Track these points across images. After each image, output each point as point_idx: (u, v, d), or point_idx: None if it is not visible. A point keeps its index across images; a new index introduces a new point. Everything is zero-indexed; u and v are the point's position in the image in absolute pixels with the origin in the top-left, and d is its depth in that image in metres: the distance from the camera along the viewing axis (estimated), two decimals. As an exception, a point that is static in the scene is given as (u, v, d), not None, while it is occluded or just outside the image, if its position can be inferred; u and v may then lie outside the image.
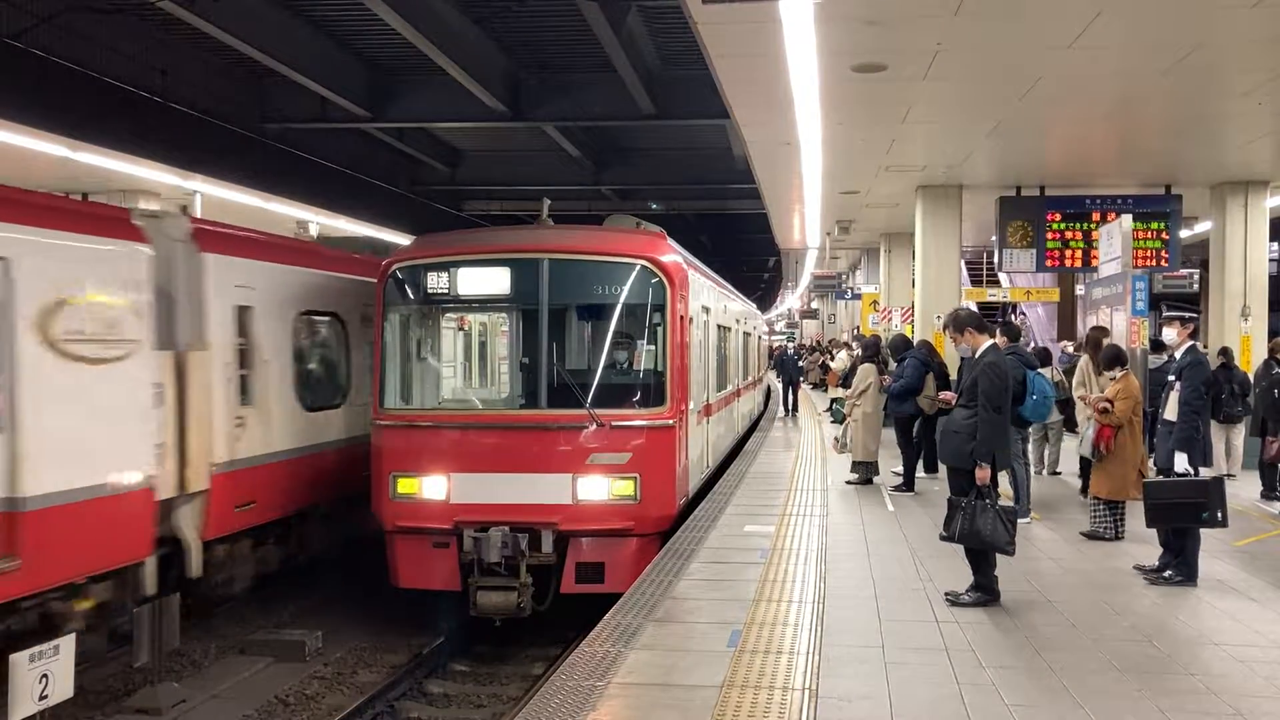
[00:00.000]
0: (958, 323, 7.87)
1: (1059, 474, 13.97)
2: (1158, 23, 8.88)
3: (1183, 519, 8.02)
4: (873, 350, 14.10)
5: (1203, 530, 8.09)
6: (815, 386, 31.40)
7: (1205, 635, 6.88)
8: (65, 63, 15.66)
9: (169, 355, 8.91)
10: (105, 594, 8.17)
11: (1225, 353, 13.58)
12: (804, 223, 23.17)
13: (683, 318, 10.31)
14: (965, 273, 26.35)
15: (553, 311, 10.07)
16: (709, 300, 13.17)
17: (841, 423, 14.02)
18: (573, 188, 29.25)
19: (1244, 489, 12.32)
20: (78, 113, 14.71)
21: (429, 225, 27.48)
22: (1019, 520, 8.73)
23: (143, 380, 8.41)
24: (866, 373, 13.38)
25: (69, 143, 11.79)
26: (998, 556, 7.50)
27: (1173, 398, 8.53)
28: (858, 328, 29.18)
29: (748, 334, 20.52)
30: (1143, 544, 9.02)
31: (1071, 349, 18.12)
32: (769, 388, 30.64)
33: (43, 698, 6.67)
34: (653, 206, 31.48)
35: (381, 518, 9.94)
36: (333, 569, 12.21)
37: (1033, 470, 12.41)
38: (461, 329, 12.54)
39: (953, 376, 12.39)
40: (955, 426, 7.60)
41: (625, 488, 9.56)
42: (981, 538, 7.27)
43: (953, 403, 7.91)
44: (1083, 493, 11.22)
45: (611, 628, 6.83)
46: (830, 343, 37.86)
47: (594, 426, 9.56)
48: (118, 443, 8.09)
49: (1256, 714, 5.42)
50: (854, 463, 13.28)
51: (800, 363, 30.06)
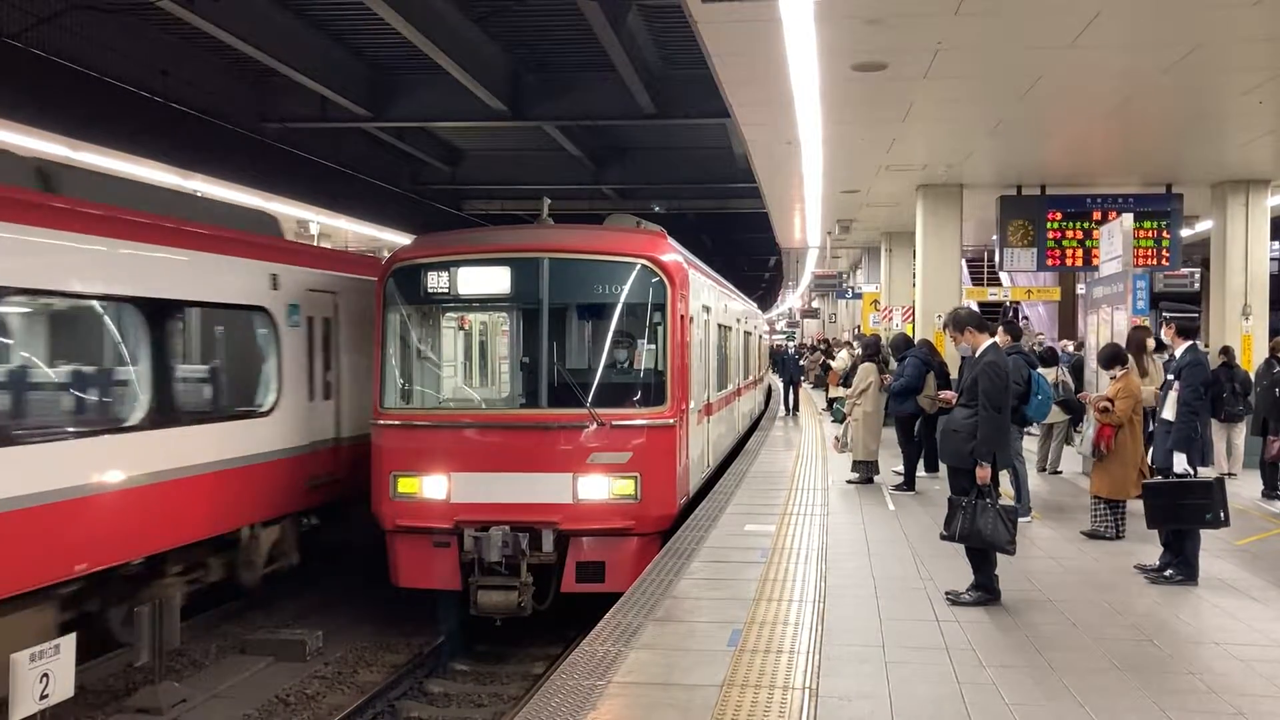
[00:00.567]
0: (958, 322, 7.86)
1: (1060, 473, 13.97)
2: (1158, 22, 8.88)
3: (1186, 520, 8.02)
4: (873, 349, 14.08)
5: (1203, 530, 8.09)
6: (816, 386, 31.38)
7: (1206, 634, 6.87)
8: (65, 62, 15.66)
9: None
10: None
11: (1226, 352, 13.58)
12: (804, 222, 23.15)
13: (683, 317, 10.30)
14: (966, 272, 26.35)
15: (553, 311, 10.07)
16: (709, 299, 13.16)
17: (842, 422, 14.02)
18: (573, 187, 29.22)
19: (1245, 488, 12.31)
20: (78, 113, 14.71)
21: (429, 225, 27.53)
22: (1019, 519, 8.73)
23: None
24: (867, 372, 13.38)
25: (69, 142, 11.78)
26: (998, 556, 7.49)
27: (1171, 397, 8.53)
28: (858, 327, 29.16)
29: (748, 333, 20.51)
30: (1144, 543, 9.01)
31: (1073, 348, 18.12)
32: (770, 387, 30.63)
33: (43, 697, 6.67)
34: (655, 208, 31.44)
35: (382, 517, 9.94)
36: (333, 569, 12.21)
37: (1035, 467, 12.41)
38: (462, 328, 12.54)
39: (953, 375, 12.39)
40: (955, 426, 7.59)
41: (626, 487, 9.56)
42: (982, 537, 7.27)
43: (953, 402, 7.91)
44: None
45: (612, 627, 6.83)
46: (831, 342, 37.82)
47: (594, 426, 9.56)
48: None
49: (1257, 713, 5.42)
50: (854, 462, 13.28)
51: (801, 362, 30.04)
